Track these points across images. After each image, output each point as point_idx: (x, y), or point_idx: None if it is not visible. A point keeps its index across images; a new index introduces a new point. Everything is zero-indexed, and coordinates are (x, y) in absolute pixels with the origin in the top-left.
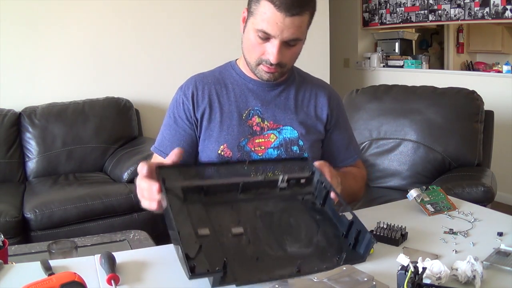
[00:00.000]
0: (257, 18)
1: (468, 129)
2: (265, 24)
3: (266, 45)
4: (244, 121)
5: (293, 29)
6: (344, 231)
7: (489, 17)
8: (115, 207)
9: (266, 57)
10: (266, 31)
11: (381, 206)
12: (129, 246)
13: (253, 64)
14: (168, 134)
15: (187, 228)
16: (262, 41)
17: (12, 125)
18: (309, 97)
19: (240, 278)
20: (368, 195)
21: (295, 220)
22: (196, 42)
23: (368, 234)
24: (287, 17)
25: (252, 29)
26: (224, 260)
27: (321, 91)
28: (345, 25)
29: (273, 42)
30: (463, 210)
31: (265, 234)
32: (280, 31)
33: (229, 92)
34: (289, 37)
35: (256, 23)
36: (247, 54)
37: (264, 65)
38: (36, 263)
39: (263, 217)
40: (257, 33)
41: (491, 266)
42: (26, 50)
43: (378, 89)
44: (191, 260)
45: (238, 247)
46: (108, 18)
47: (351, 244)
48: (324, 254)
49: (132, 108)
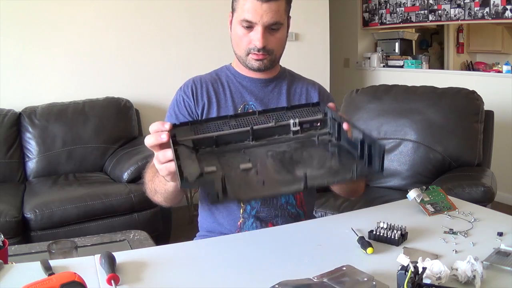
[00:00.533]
0: (239, 11)
1: (468, 129)
2: (246, 13)
3: (251, 34)
4: None
5: (271, 13)
6: (358, 152)
7: (489, 17)
8: (115, 207)
9: (252, 44)
10: (248, 19)
11: (381, 206)
12: (129, 246)
13: (243, 56)
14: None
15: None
16: (246, 31)
17: (12, 125)
18: (300, 92)
19: (241, 196)
20: (368, 195)
21: (308, 153)
22: (196, 42)
23: (378, 143)
24: (264, 3)
25: (236, 23)
26: (223, 176)
27: (311, 87)
28: (345, 25)
29: (256, 28)
30: (463, 210)
31: (274, 165)
32: (260, 17)
33: (225, 89)
34: (269, 21)
35: (239, 16)
36: (236, 48)
37: (253, 53)
38: (36, 263)
39: (274, 155)
40: (241, 24)
41: (491, 266)
42: (26, 50)
43: (378, 89)
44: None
45: (244, 176)
46: (108, 18)
47: (366, 161)
48: (336, 173)
49: (132, 108)
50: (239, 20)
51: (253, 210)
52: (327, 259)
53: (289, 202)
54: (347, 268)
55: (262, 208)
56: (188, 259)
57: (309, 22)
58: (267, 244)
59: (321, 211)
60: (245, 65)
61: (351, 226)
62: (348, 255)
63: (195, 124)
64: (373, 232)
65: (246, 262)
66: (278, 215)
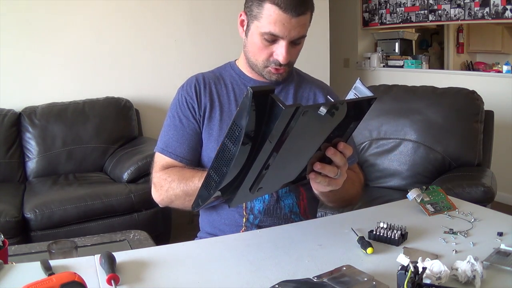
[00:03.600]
0: (262, 21)
1: (468, 129)
2: (272, 26)
3: (273, 47)
4: None
5: (299, 28)
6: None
7: (489, 17)
8: (115, 207)
9: (274, 58)
10: (274, 33)
11: (381, 206)
12: (129, 246)
13: (261, 67)
14: (175, 134)
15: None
16: (268, 44)
17: (12, 125)
18: (308, 96)
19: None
20: (368, 195)
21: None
22: (196, 42)
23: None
24: (293, 18)
25: (257, 33)
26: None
27: (319, 91)
28: (345, 25)
29: (281, 43)
30: (463, 210)
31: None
32: (288, 32)
33: (229, 91)
34: (295, 36)
35: (262, 26)
36: (253, 57)
37: (272, 67)
38: (36, 263)
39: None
40: (263, 36)
41: (491, 266)
42: (26, 50)
43: (378, 89)
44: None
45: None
46: (108, 18)
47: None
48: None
49: (132, 108)
50: (262, 32)
51: (256, 219)
52: (327, 259)
53: (293, 211)
54: (347, 268)
55: (265, 218)
56: (188, 259)
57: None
58: (267, 244)
59: (321, 211)
60: (260, 75)
61: (351, 226)
62: (348, 255)
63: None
64: (373, 232)
65: (246, 262)
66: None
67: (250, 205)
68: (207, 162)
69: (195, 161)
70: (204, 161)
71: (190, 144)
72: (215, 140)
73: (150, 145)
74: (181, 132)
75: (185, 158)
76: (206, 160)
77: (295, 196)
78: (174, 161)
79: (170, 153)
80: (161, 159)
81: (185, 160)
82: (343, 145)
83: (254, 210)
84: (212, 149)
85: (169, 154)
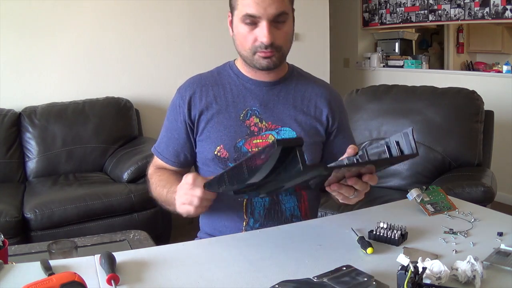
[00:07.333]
0: (239, 8)
1: (468, 129)
2: (247, 7)
3: (256, 31)
4: (242, 122)
5: (275, 4)
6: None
7: (489, 17)
8: (115, 207)
9: (259, 42)
10: (251, 13)
11: (381, 206)
12: (129, 246)
13: (250, 56)
14: (165, 136)
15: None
16: (250, 28)
17: (12, 125)
18: (309, 97)
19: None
20: (368, 195)
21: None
22: (196, 42)
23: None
24: None
25: (238, 21)
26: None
27: (321, 91)
28: (345, 25)
29: (261, 23)
30: (463, 210)
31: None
32: (264, 9)
33: (227, 93)
34: (274, 12)
35: (239, 12)
36: (241, 48)
37: (260, 52)
38: (36, 263)
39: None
40: (244, 22)
41: (491, 266)
42: (26, 50)
43: (378, 89)
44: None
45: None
46: (108, 18)
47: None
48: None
49: (132, 108)
50: (241, 17)
51: (256, 223)
52: (327, 259)
53: (294, 215)
54: (347, 268)
55: (266, 221)
56: (188, 259)
57: (309, 22)
58: (267, 244)
59: (321, 211)
60: (253, 65)
61: (351, 226)
62: (348, 255)
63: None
64: (373, 232)
65: (246, 262)
66: None
67: (250, 209)
68: (203, 163)
69: (182, 163)
70: (201, 162)
71: (174, 147)
72: (212, 142)
73: (150, 145)
74: (170, 134)
75: (170, 160)
76: (202, 161)
77: (296, 199)
78: (162, 162)
79: (159, 153)
80: (155, 158)
81: (171, 162)
82: (369, 177)
83: (254, 213)
84: (208, 151)
85: (157, 154)
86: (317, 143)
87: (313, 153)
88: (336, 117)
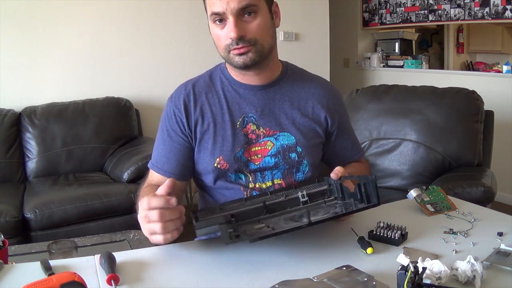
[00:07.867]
0: (208, 9)
1: (468, 129)
2: (213, 6)
3: (225, 28)
4: (239, 130)
5: None
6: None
7: (489, 17)
8: (115, 207)
9: (229, 39)
10: (216, 11)
11: (381, 206)
12: (129, 246)
13: (226, 55)
14: (163, 149)
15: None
16: (221, 26)
17: (12, 125)
18: (306, 98)
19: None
20: None
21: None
22: (195, 42)
23: (370, 177)
24: None
25: (210, 22)
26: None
27: (318, 91)
28: (345, 25)
29: (229, 20)
30: (463, 210)
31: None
32: (226, 4)
33: (221, 100)
34: (237, 6)
35: (208, 13)
36: (219, 49)
37: (233, 49)
38: (36, 263)
39: (287, 219)
40: (213, 22)
41: (491, 266)
42: (26, 50)
43: (378, 89)
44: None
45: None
46: (108, 18)
47: (365, 200)
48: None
49: (132, 108)
50: (210, 17)
51: None
52: (327, 259)
53: None
54: (347, 268)
55: None
56: (188, 259)
57: (309, 22)
58: (267, 244)
59: None
60: (232, 65)
61: (351, 226)
62: (348, 255)
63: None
64: (373, 232)
65: (246, 262)
66: None
67: None
68: (200, 174)
69: (186, 175)
70: (198, 173)
71: (178, 159)
72: (210, 154)
73: (150, 145)
74: (169, 146)
75: (174, 174)
76: (199, 172)
77: None
78: (164, 177)
79: (159, 169)
80: (151, 174)
81: (174, 175)
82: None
83: None
84: (208, 163)
85: (158, 170)
86: (317, 145)
87: (312, 156)
88: (335, 117)
